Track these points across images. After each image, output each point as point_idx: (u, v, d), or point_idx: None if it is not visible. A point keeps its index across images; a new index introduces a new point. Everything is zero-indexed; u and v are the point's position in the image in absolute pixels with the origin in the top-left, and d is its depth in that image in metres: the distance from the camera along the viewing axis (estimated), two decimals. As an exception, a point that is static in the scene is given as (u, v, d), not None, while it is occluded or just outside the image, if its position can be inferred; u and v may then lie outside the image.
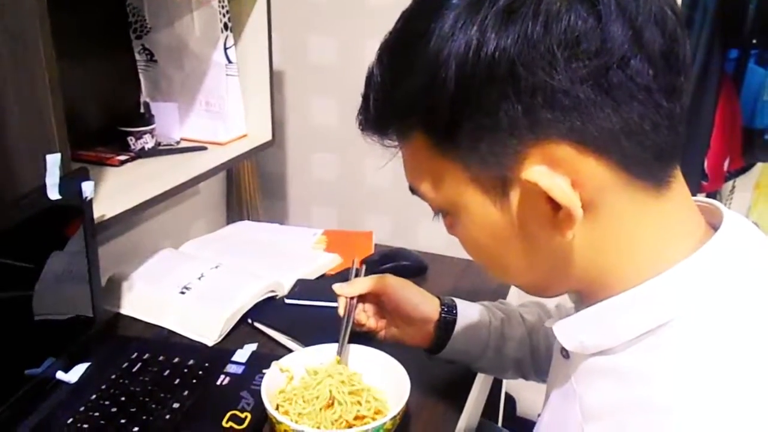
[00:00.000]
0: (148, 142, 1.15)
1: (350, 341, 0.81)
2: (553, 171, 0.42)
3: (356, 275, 0.86)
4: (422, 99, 0.44)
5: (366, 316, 0.83)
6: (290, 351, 0.87)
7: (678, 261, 0.44)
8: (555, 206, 0.43)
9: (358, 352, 0.81)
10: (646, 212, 0.45)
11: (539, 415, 0.60)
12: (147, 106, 1.21)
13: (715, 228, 0.47)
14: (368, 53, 1.69)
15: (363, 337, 0.84)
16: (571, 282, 0.50)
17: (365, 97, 0.49)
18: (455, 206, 0.49)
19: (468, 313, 0.82)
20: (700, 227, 0.47)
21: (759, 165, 1.36)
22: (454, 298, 0.84)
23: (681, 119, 0.43)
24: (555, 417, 0.54)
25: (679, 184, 0.46)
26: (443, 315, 0.81)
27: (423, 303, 0.81)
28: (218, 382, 0.83)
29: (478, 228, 0.48)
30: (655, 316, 0.44)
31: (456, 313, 0.81)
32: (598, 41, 0.39)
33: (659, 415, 0.41)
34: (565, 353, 0.54)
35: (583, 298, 0.51)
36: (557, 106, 0.40)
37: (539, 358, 0.82)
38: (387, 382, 0.77)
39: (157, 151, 1.16)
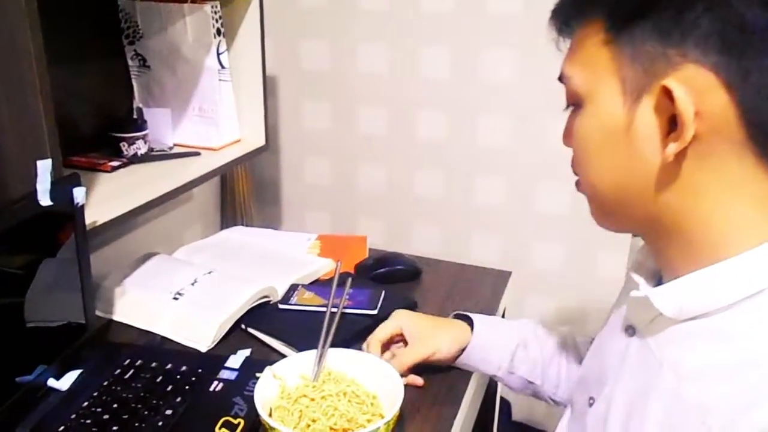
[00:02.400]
0: (140, 147, 1.14)
1: (344, 345, 0.82)
2: (687, 92, 0.46)
3: (340, 282, 0.87)
4: None
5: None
6: (284, 356, 0.87)
7: None
8: (672, 126, 0.47)
9: (352, 357, 0.81)
10: (753, 182, 0.48)
11: (591, 398, 0.61)
12: (140, 111, 1.21)
13: None
14: (361, 57, 1.70)
15: (356, 340, 0.83)
16: (652, 217, 0.52)
17: None
18: (589, 94, 0.53)
19: (486, 336, 0.85)
20: None
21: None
22: (480, 323, 0.86)
23: None
24: (631, 390, 0.56)
25: None
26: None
27: (446, 351, 0.84)
28: (211, 388, 0.83)
29: (597, 122, 0.53)
30: (757, 283, 0.48)
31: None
32: None
33: None
34: (631, 331, 0.57)
35: (667, 258, 0.54)
36: (731, 37, 0.44)
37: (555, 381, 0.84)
38: (380, 386, 0.77)
39: (149, 156, 1.16)
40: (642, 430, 0.52)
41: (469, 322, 0.86)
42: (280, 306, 1.03)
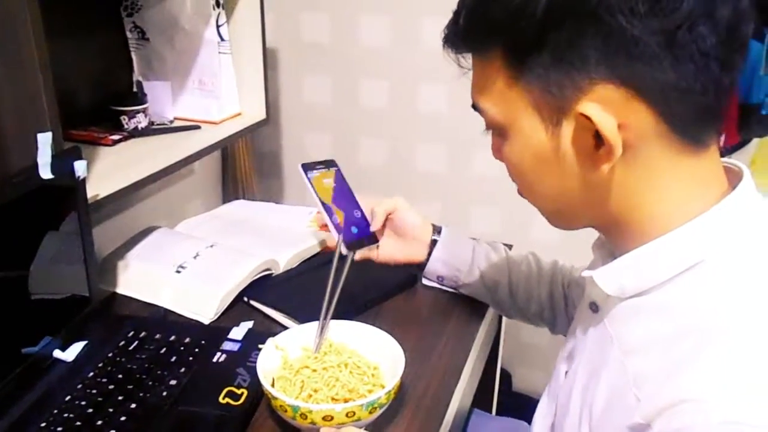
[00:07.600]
0: (141, 121, 1.14)
1: (347, 318, 0.82)
2: (604, 110, 0.47)
3: (340, 257, 0.87)
4: (512, 20, 0.48)
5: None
6: (286, 328, 0.88)
7: (705, 210, 0.50)
8: (598, 142, 0.48)
9: (353, 329, 0.82)
10: (680, 166, 0.50)
11: (566, 372, 0.64)
12: (140, 84, 1.20)
13: (734, 187, 0.52)
14: (362, 30, 1.67)
15: (351, 313, 0.84)
16: (596, 217, 0.55)
17: (457, 12, 0.53)
18: (510, 126, 0.53)
19: (454, 232, 0.99)
20: (724, 184, 0.53)
21: (755, 141, 1.35)
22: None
23: (727, 91, 0.48)
24: (590, 365, 0.58)
25: (715, 148, 0.51)
26: (434, 236, 0.98)
27: (422, 224, 0.99)
28: (215, 360, 0.84)
29: (524, 149, 0.53)
30: (689, 257, 0.50)
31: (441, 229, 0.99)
32: (676, 2, 0.44)
33: (702, 336, 0.46)
34: (594, 307, 0.59)
35: (615, 243, 0.56)
36: (626, 53, 0.45)
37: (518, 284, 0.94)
38: (382, 357, 0.78)
39: (150, 130, 1.16)
40: (594, 404, 0.54)
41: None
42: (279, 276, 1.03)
